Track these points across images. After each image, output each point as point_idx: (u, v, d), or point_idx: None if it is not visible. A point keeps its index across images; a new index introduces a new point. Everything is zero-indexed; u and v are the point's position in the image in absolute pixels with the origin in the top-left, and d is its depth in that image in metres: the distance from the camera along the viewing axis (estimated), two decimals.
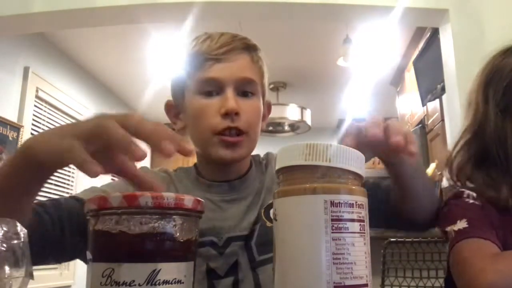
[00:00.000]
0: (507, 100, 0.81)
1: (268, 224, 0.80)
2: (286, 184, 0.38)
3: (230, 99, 0.77)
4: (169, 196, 0.37)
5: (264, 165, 0.91)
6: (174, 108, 0.89)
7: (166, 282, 0.36)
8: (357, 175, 0.38)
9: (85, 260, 0.74)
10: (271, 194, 0.85)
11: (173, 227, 0.37)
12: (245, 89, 0.81)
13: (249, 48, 0.83)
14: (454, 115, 2.30)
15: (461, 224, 0.73)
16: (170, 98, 0.90)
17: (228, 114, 0.77)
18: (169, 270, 0.36)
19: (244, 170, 0.87)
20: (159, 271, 0.35)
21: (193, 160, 0.89)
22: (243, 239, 0.78)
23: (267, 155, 0.94)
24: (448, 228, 0.74)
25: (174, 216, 0.37)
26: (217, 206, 0.82)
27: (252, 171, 0.88)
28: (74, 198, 0.71)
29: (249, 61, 0.82)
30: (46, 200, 0.68)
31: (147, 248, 0.36)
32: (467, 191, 0.80)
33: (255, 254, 0.78)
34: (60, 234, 0.66)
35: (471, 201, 0.78)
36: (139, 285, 0.35)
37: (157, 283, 0.35)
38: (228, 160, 0.80)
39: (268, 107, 0.91)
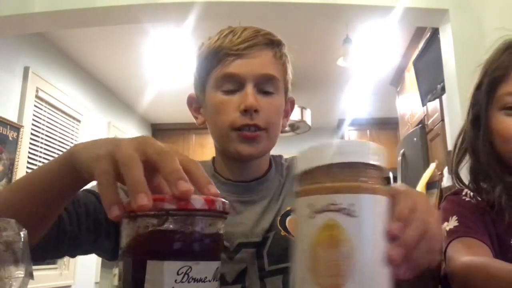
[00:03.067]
0: (475, 111, 0.82)
1: (283, 233, 0.78)
2: (358, 180, 0.37)
3: (250, 96, 0.76)
4: (224, 202, 0.41)
5: (286, 168, 0.89)
6: (195, 102, 0.88)
7: (218, 278, 0.40)
8: None
9: (102, 254, 0.73)
10: (290, 201, 0.82)
11: (221, 229, 0.42)
12: (266, 86, 0.79)
13: (273, 43, 0.81)
14: (454, 115, 2.30)
15: (452, 223, 0.74)
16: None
17: (247, 111, 0.76)
18: (220, 267, 0.40)
19: (262, 171, 0.85)
20: (218, 267, 0.40)
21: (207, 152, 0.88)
22: (255, 246, 0.76)
23: (293, 158, 0.91)
24: (442, 226, 0.75)
25: (222, 219, 0.42)
26: (231, 208, 0.80)
27: (271, 172, 0.86)
28: (91, 193, 0.70)
29: (272, 57, 0.80)
30: None
31: (216, 247, 0.40)
32: (466, 190, 0.81)
33: (265, 264, 0.76)
34: (77, 231, 0.66)
35: (467, 198, 0.79)
36: (209, 281, 0.38)
37: (217, 278, 0.39)
38: (246, 155, 0.78)
39: (291, 103, 0.90)
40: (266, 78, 0.79)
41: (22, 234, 0.40)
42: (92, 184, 0.53)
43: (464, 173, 0.86)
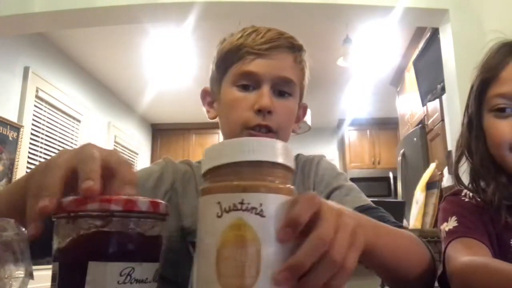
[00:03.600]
0: (470, 114, 0.82)
1: None
2: (270, 180, 0.37)
3: (265, 96, 0.76)
4: (167, 204, 0.41)
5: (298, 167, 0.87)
6: (209, 95, 0.88)
7: (157, 279, 0.40)
8: None
9: None
10: None
11: (162, 231, 0.41)
12: (282, 88, 0.79)
13: (294, 47, 0.82)
14: (454, 115, 2.30)
15: (452, 223, 0.74)
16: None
17: (261, 111, 0.76)
18: (160, 268, 0.40)
19: None
20: (158, 269, 0.40)
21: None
22: None
23: (302, 157, 0.89)
24: (442, 227, 0.75)
25: (164, 222, 0.41)
26: None
27: None
28: None
29: (292, 61, 0.80)
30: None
31: (158, 249, 0.40)
32: (465, 190, 0.81)
33: None
34: None
35: (467, 199, 0.79)
36: (149, 282, 0.38)
37: (156, 279, 0.39)
38: None
39: (303, 109, 0.90)
40: (283, 80, 0.79)
41: (22, 234, 0.40)
42: None
43: (465, 174, 0.86)
